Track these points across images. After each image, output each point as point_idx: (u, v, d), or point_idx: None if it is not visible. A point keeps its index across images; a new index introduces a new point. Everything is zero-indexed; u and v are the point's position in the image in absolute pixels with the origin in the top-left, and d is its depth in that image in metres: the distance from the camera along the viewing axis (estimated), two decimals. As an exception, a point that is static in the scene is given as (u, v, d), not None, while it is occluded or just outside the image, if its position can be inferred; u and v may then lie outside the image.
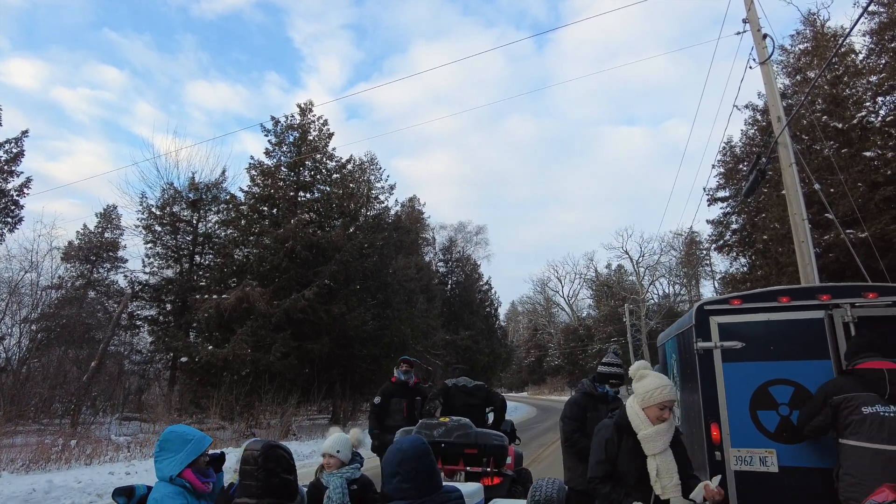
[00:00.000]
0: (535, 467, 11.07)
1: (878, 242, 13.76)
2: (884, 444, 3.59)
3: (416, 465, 2.37)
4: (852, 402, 3.76)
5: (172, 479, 2.72)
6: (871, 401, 3.72)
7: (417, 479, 2.36)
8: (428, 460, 2.42)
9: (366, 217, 26.60)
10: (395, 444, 2.48)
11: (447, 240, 45.39)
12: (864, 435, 3.67)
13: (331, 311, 20.25)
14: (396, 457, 2.41)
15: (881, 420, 3.64)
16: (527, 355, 72.73)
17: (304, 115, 24.78)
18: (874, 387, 3.76)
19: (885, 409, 3.67)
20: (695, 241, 41.96)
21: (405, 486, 2.35)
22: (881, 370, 3.78)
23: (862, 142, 17.98)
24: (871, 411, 3.69)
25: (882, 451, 3.59)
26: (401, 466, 2.38)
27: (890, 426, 3.62)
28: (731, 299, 4.75)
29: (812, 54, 20.86)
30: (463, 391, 6.20)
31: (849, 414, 3.76)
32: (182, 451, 2.76)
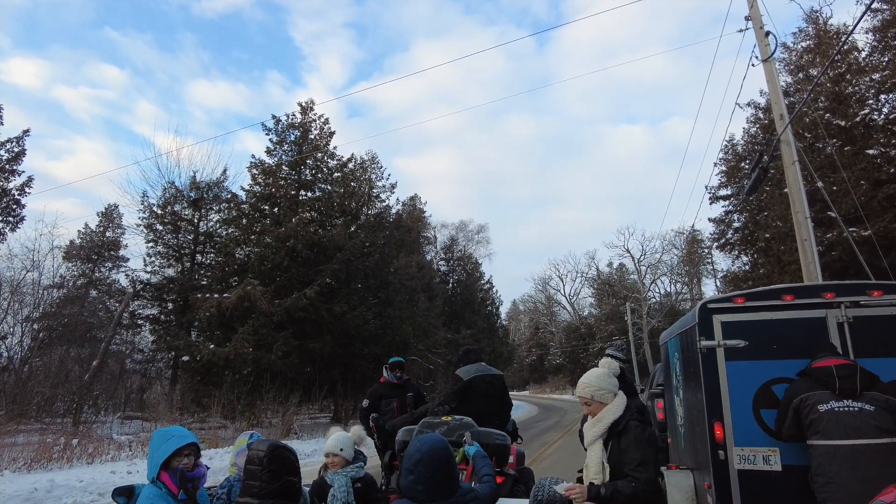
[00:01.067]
0: (536, 466, 11.05)
1: (882, 240, 13.72)
2: (842, 440, 3.62)
3: (432, 468, 2.38)
4: (808, 402, 3.81)
5: (153, 480, 2.67)
6: (825, 398, 3.76)
7: (431, 482, 2.37)
8: (445, 465, 2.42)
9: (367, 216, 26.59)
10: (416, 442, 2.49)
11: (448, 238, 45.42)
12: (824, 433, 3.70)
13: (332, 309, 20.25)
14: (414, 457, 2.42)
15: (836, 416, 3.68)
16: (528, 354, 72.72)
17: (306, 114, 24.78)
18: (825, 384, 3.81)
19: (839, 404, 3.71)
20: (696, 239, 41.91)
21: (418, 488, 2.36)
22: (830, 367, 3.84)
23: (865, 140, 17.94)
24: (826, 408, 3.73)
25: (842, 447, 3.62)
26: (417, 467, 2.39)
27: (845, 421, 3.65)
28: (735, 297, 4.72)
29: (814, 52, 20.80)
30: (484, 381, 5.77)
31: (808, 414, 3.81)
32: (158, 451, 2.69)
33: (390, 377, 7.60)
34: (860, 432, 3.60)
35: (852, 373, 3.78)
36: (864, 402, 3.68)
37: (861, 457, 3.55)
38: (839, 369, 3.82)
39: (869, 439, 3.57)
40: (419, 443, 2.48)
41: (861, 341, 4.26)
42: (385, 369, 7.75)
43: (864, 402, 3.68)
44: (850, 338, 4.31)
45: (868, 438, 3.57)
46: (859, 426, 3.62)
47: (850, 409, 3.69)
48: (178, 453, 2.70)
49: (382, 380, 7.67)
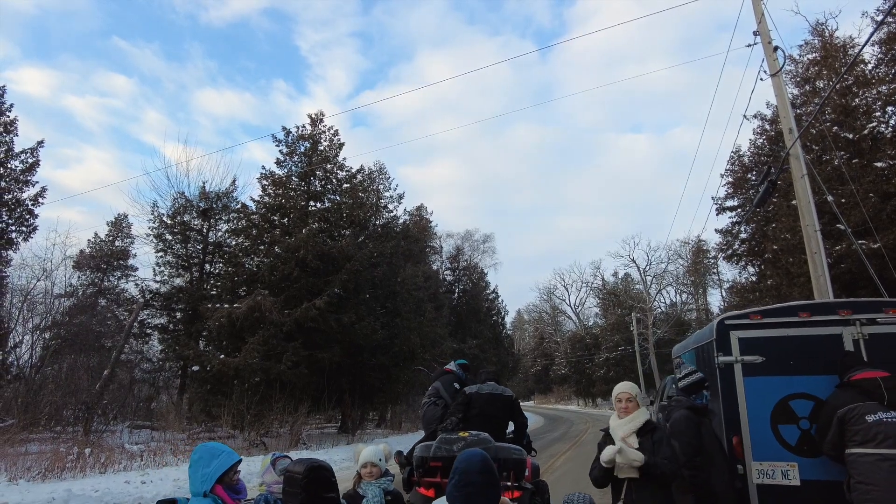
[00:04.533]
0: (548, 478, 11.06)
1: (891, 253, 13.74)
2: (891, 449, 3.70)
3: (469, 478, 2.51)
4: (856, 412, 3.89)
5: (206, 493, 2.82)
6: (874, 409, 3.86)
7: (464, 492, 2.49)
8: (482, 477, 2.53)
9: (375, 226, 26.72)
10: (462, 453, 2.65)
11: (454, 248, 45.50)
12: (872, 442, 3.78)
13: (341, 320, 20.33)
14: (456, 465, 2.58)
15: (886, 426, 3.77)
16: (533, 364, 72.47)
17: (315, 126, 24.98)
18: (873, 395, 3.90)
19: (887, 415, 3.81)
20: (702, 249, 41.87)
21: (455, 495, 2.50)
22: (876, 379, 3.93)
23: (873, 152, 17.97)
24: (874, 419, 3.82)
25: (891, 456, 3.69)
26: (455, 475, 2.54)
27: (894, 431, 3.73)
28: (752, 314, 4.81)
29: (821, 64, 20.89)
30: (483, 399, 5.92)
31: (854, 424, 3.89)
32: (210, 467, 2.86)
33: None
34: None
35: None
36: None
37: None
38: (886, 381, 3.91)
39: None
40: (461, 456, 2.64)
41: (876, 358, 4.34)
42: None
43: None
44: (866, 354, 4.40)
45: None
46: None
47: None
48: (230, 469, 2.89)
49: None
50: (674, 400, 4.59)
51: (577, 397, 61.54)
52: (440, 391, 6.87)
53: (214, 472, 2.84)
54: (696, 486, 4.04)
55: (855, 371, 4.10)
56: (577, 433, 26.61)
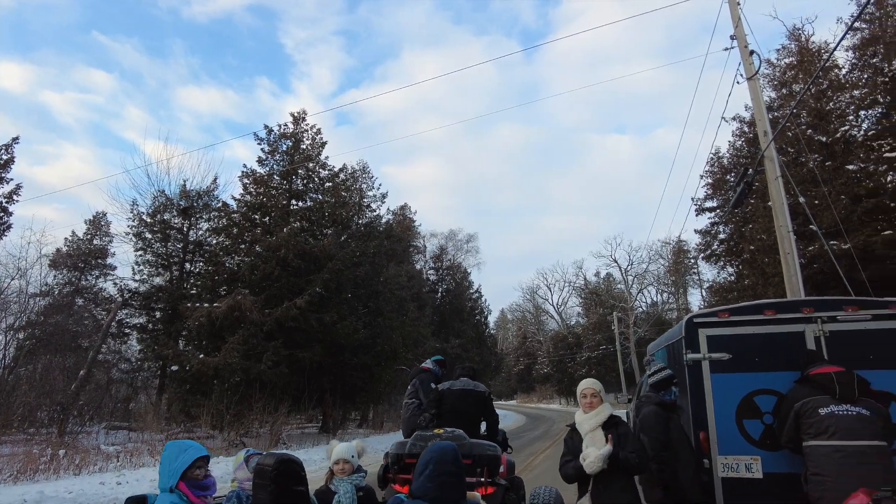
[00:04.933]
0: (525, 475, 11.14)
1: (861, 254, 14.06)
2: (842, 440, 3.87)
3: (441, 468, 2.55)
4: (810, 406, 4.08)
5: (172, 489, 2.83)
6: (826, 402, 4.03)
7: (437, 482, 2.53)
8: (450, 468, 2.59)
9: (357, 225, 26.65)
10: (429, 447, 2.70)
11: (438, 248, 45.54)
12: (825, 435, 3.95)
13: (322, 319, 20.27)
14: (426, 457, 2.62)
15: (837, 419, 3.94)
16: (516, 363, 72.80)
17: (298, 124, 24.88)
18: (827, 389, 4.08)
19: (839, 408, 3.98)
20: (682, 250, 42.42)
21: (428, 486, 2.53)
22: (830, 374, 4.11)
23: (845, 155, 18.38)
24: (827, 412, 4.00)
25: (842, 447, 3.86)
26: (427, 467, 2.57)
27: (846, 423, 3.91)
28: (720, 312, 4.93)
29: (797, 68, 21.28)
30: (455, 395, 5.94)
31: (808, 417, 4.07)
32: (176, 462, 2.86)
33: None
34: (858, 434, 3.86)
35: (850, 379, 4.05)
36: (860, 407, 3.95)
37: (859, 457, 3.80)
38: (839, 376, 4.08)
39: (865, 441, 3.84)
40: (433, 446, 2.69)
41: (836, 354, 4.48)
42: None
43: (860, 407, 3.95)
44: (827, 351, 4.54)
45: (865, 440, 3.84)
46: (858, 429, 3.88)
47: (850, 412, 3.95)
48: (194, 464, 2.87)
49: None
50: (643, 396, 4.69)
51: (560, 396, 61.92)
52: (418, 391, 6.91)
53: (179, 467, 2.83)
54: (664, 479, 4.14)
55: (813, 367, 4.27)
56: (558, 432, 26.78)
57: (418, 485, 2.62)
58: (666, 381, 4.55)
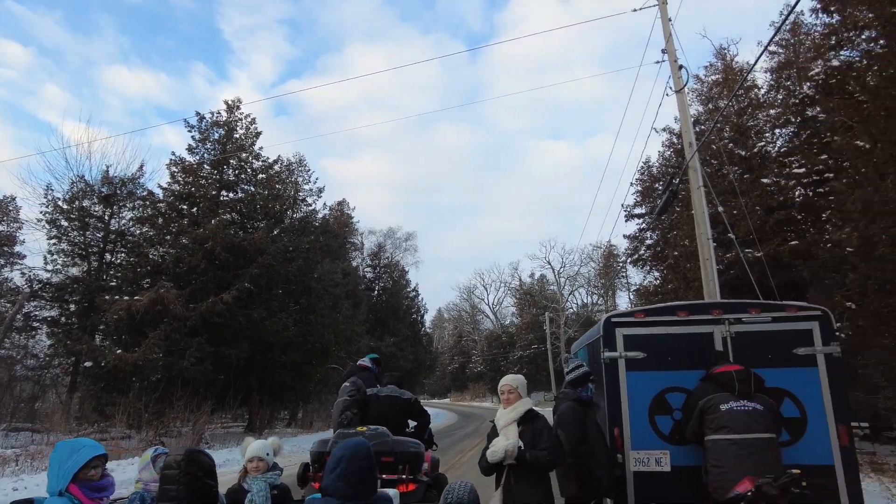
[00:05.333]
0: (452, 473, 11.21)
1: (771, 262, 14.99)
2: (739, 434, 4.15)
3: (354, 465, 2.51)
4: (712, 402, 4.35)
5: (62, 492, 2.64)
6: (727, 399, 4.31)
7: (352, 478, 2.49)
8: (366, 464, 2.56)
9: (291, 220, 26.00)
10: (340, 444, 2.64)
11: (376, 245, 45.19)
12: (724, 429, 4.22)
13: (250, 315, 19.65)
14: (337, 453, 2.57)
15: (735, 414, 4.22)
16: (451, 362, 73.33)
17: (231, 113, 24.02)
18: (727, 387, 4.36)
19: (738, 404, 4.26)
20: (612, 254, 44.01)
21: (339, 484, 2.48)
22: (730, 372, 4.39)
23: (761, 169, 19.58)
24: (726, 408, 4.27)
25: (738, 440, 4.14)
26: (339, 464, 2.52)
27: (742, 418, 4.19)
28: (636, 312, 5.12)
29: (722, 85, 22.49)
30: (382, 402, 5.94)
31: (710, 413, 4.34)
32: (68, 463, 2.68)
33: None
34: (752, 428, 4.13)
35: (747, 377, 4.33)
36: (756, 403, 4.24)
37: (751, 448, 4.06)
38: (738, 374, 4.35)
39: (758, 434, 4.11)
40: (343, 444, 2.64)
41: (741, 353, 4.75)
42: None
43: (756, 403, 4.24)
44: (732, 350, 4.80)
45: (757, 433, 4.11)
46: (751, 423, 4.15)
47: (746, 408, 4.22)
48: (88, 464, 2.69)
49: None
50: (561, 393, 4.80)
51: (492, 395, 62.77)
52: (360, 390, 6.84)
53: (71, 468, 2.65)
54: (580, 474, 4.25)
55: (717, 366, 4.54)
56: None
57: (329, 482, 2.56)
58: (583, 378, 4.67)
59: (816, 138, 17.60)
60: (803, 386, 4.68)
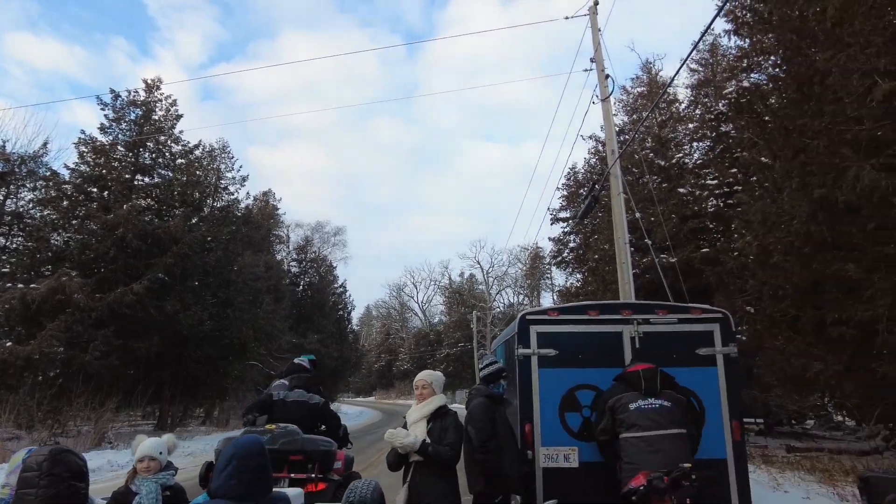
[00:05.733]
0: (370, 471, 11.06)
1: (684, 267, 15.84)
2: (647, 432, 4.29)
3: (246, 463, 2.36)
4: (622, 402, 4.48)
5: None
6: (635, 398, 4.45)
7: (244, 476, 2.34)
8: (260, 460, 2.41)
9: (212, 208, 24.83)
10: (231, 442, 2.50)
11: (302, 239, 44.06)
12: (634, 427, 4.35)
13: (163, 307, 18.60)
14: (228, 452, 2.40)
15: (642, 412, 4.36)
16: (377, 360, 72.88)
17: (151, 92, 22.65)
18: (635, 386, 4.50)
19: (644, 402, 4.40)
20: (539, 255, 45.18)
21: (231, 483, 2.32)
22: (637, 371, 4.53)
23: (678, 179, 20.67)
24: (635, 406, 4.41)
25: (646, 437, 4.28)
26: (231, 462, 2.36)
27: (650, 416, 4.34)
28: (550, 311, 5.23)
29: (647, 98, 23.56)
30: (288, 407, 5.69)
31: (620, 412, 4.46)
32: None
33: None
34: (659, 424, 4.26)
35: (654, 375, 4.45)
36: (663, 400, 4.37)
37: (660, 444, 4.19)
38: (644, 372, 4.48)
39: (665, 430, 4.24)
40: (233, 442, 2.48)
41: (649, 352, 4.93)
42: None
43: (663, 400, 4.37)
44: (640, 350, 4.98)
45: (665, 429, 4.24)
46: (658, 419, 4.28)
47: (653, 406, 4.34)
48: None
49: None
50: (473, 389, 4.81)
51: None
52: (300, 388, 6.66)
53: None
54: (487, 468, 4.26)
55: (629, 366, 4.69)
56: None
57: (220, 483, 2.37)
58: (496, 374, 4.69)
59: (728, 153, 18.77)
60: (703, 384, 4.93)
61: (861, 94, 5.93)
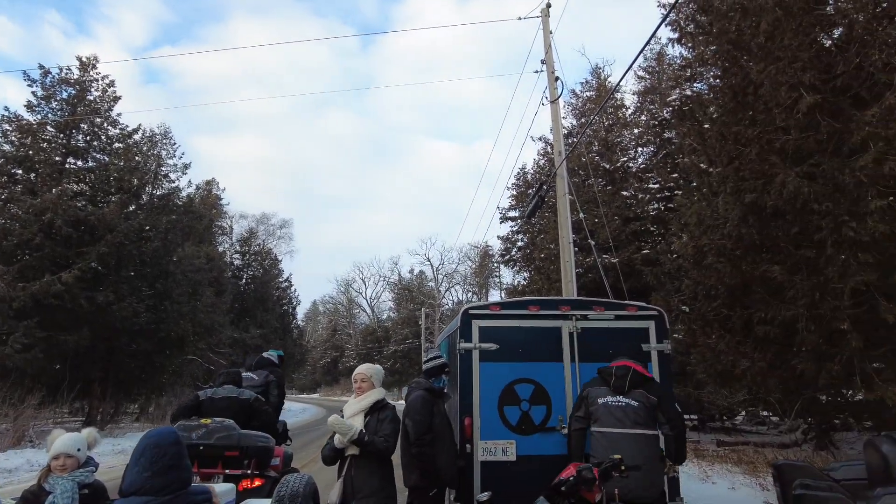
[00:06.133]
0: (310, 468, 10.90)
1: (625, 267, 16.36)
2: (608, 428, 4.37)
3: (159, 454, 2.26)
4: (592, 396, 4.54)
5: None
6: (604, 393, 4.50)
7: (157, 467, 2.23)
8: (173, 450, 2.31)
9: (151, 196, 23.75)
10: (149, 431, 2.42)
11: (247, 231, 42.84)
12: (599, 422, 4.43)
13: (94, 298, 17.66)
14: (140, 444, 2.30)
15: (608, 408, 4.43)
16: (323, 356, 71.87)
17: (86, 71, 21.46)
18: (606, 381, 4.55)
19: (612, 398, 4.46)
20: (488, 254, 45.64)
21: (144, 475, 2.21)
22: (610, 367, 4.57)
23: (622, 182, 21.31)
24: (602, 402, 4.47)
25: (607, 434, 4.36)
26: (143, 455, 2.25)
27: (613, 413, 4.40)
28: (492, 306, 5.27)
29: (595, 102, 24.15)
30: (217, 406, 5.50)
31: (591, 406, 4.53)
32: None
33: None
34: (622, 423, 4.31)
35: (625, 374, 4.47)
36: (630, 399, 4.39)
37: (619, 443, 4.24)
38: (617, 370, 4.50)
39: (627, 429, 4.29)
40: (145, 435, 2.38)
41: (585, 348, 5.05)
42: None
43: (630, 399, 4.39)
44: (578, 345, 5.09)
45: (627, 428, 4.29)
46: (621, 417, 4.33)
47: (619, 403, 4.38)
48: None
49: None
50: (413, 382, 4.80)
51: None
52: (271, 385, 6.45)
53: None
54: (422, 461, 4.26)
55: (613, 361, 4.68)
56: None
57: (131, 479, 2.24)
58: (438, 368, 4.67)
59: (670, 158, 19.48)
60: None
61: (789, 105, 6.27)
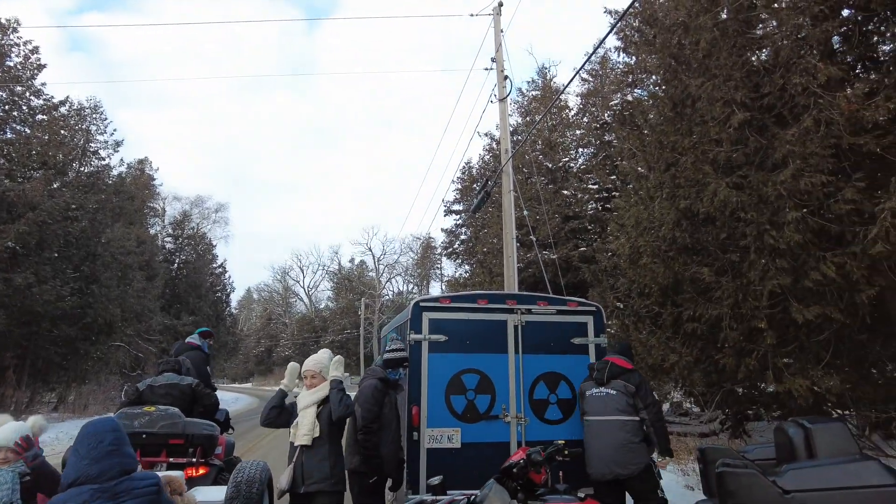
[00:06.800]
0: (249, 456, 10.77)
1: (563, 263, 16.95)
2: (593, 416, 4.96)
3: (96, 440, 2.26)
4: (583, 389, 5.17)
5: None
6: (590, 386, 5.09)
7: (94, 454, 2.23)
8: (111, 437, 2.30)
9: (78, 173, 22.44)
10: (88, 422, 2.40)
11: (180, 213, 41.13)
12: (585, 413, 5.05)
13: (13, 280, 16.60)
14: (79, 435, 2.30)
15: (593, 398, 5.02)
16: (256, 345, 70.14)
17: (5, 34, 19.97)
18: (591, 376, 5.16)
19: (596, 390, 5.04)
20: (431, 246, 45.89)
21: (83, 464, 2.21)
22: (594, 363, 5.22)
23: (563, 181, 21.97)
24: (588, 393, 5.07)
25: (592, 422, 4.95)
26: (81, 443, 2.26)
27: (596, 403, 4.98)
28: (442, 298, 5.46)
29: (540, 101, 24.71)
30: (158, 394, 5.42)
31: (582, 398, 5.16)
32: None
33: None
34: (603, 411, 4.91)
35: (603, 367, 5.05)
36: (609, 389, 4.96)
37: (601, 429, 4.85)
38: (598, 364, 5.13)
39: (608, 416, 4.87)
40: (84, 424, 2.39)
41: (528, 341, 5.34)
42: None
43: (609, 389, 4.96)
44: (522, 338, 5.36)
45: (607, 416, 4.87)
46: (602, 407, 4.92)
47: (601, 393, 4.98)
48: None
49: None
50: (369, 370, 4.88)
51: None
52: (189, 373, 6.23)
53: None
54: (366, 448, 4.38)
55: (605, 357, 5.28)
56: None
57: (69, 468, 2.24)
58: (398, 361, 4.73)
59: (609, 160, 20.25)
60: (576, 371, 5.41)
61: (722, 119, 6.74)
